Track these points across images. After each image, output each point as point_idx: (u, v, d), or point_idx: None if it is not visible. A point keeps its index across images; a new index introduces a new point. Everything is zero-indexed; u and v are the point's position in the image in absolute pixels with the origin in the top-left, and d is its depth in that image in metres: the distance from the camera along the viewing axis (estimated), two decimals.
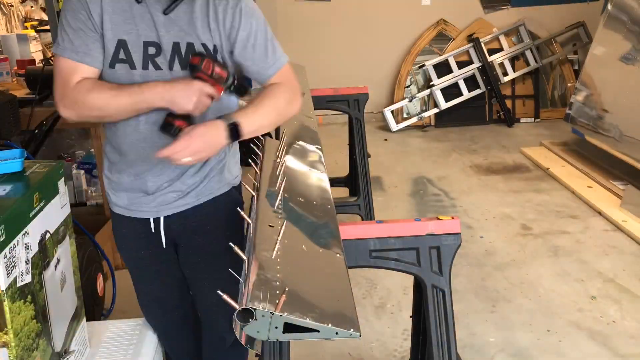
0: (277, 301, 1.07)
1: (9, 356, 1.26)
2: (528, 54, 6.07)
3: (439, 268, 1.62)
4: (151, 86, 1.44)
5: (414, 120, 5.97)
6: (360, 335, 1.08)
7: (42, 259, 1.41)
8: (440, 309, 1.64)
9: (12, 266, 1.26)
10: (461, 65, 6.03)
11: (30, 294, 1.35)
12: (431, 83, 5.97)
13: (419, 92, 6.06)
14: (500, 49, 6.08)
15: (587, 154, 4.73)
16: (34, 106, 2.88)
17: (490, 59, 5.99)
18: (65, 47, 1.46)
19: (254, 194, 1.51)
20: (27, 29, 4.17)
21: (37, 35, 3.88)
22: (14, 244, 1.27)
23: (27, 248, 1.33)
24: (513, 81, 6.14)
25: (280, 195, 1.48)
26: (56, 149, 3.47)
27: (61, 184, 1.56)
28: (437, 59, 6.01)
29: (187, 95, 1.43)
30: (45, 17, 3.98)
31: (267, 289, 1.11)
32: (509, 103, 6.14)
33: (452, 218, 1.62)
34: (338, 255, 1.31)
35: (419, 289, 1.77)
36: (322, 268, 1.28)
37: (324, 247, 1.35)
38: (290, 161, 1.78)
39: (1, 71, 3.41)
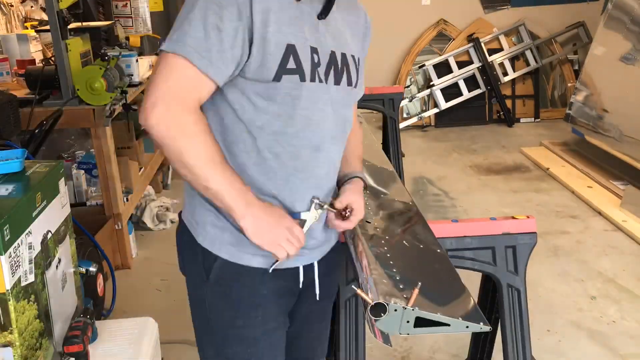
0: (406, 296, 1.09)
1: (14, 355, 1.26)
2: (528, 54, 6.07)
3: (515, 267, 1.64)
4: (244, 192, 1.16)
5: (414, 120, 5.97)
6: (491, 329, 1.09)
7: (44, 259, 1.42)
8: (515, 309, 1.66)
9: (17, 265, 1.26)
10: (461, 65, 6.03)
11: (33, 294, 1.35)
12: (431, 83, 5.97)
13: (419, 92, 6.06)
14: (500, 49, 6.09)
15: (587, 154, 4.73)
16: (34, 106, 2.88)
17: (490, 59, 5.99)
18: (189, 45, 1.09)
19: None
20: (27, 29, 4.16)
21: (37, 35, 3.87)
22: (18, 244, 1.27)
23: (30, 247, 1.33)
24: (513, 81, 6.14)
25: (364, 192, 1.51)
26: (56, 149, 3.47)
27: (61, 184, 1.57)
28: (437, 59, 6.01)
29: (271, 226, 1.18)
30: (45, 17, 3.98)
31: (392, 284, 1.12)
32: (509, 103, 6.15)
33: (528, 217, 1.63)
34: (439, 251, 1.32)
35: (487, 287, 1.79)
36: (430, 263, 1.31)
37: (423, 244, 1.37)
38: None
39: (1, 71, 3.41)
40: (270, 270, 1.24)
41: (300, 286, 1.34)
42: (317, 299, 1.38)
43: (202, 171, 1.12)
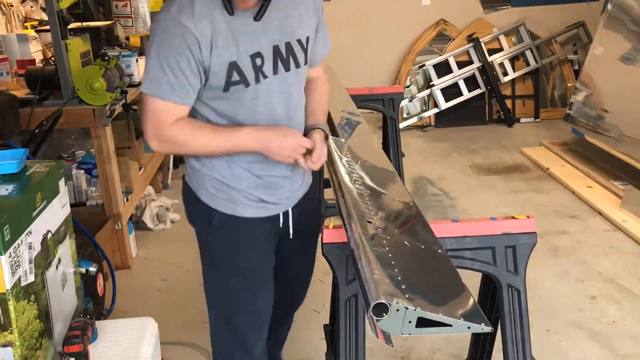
0: (408, 296, 1.10)
1: (14, 355, 1.26)
2: (528, 54, 6.07)
3: (515, 267, 1.64)
4: (249, 130, 1.50)
5: (414, 120, 5.97)
6: (492, 329, 1.10)
7: (44, 259, 1.42)
8: (515, 309, 1.66)
9: (17, 266, 1.26)
10: (461, 65, 6.03)
11: (33, 294, 1.35)
12: (431, 83, 5.97)
13: (419, 92, 6.06)
14: (500, 49, 6.08)
15: (587, 154, 4.73)
16: (34, 106, 2.88)
17: (490, 59, 5.99)
18: (163, 89, 1.43)
19: (342, 191, 1.58)
20: (27, 29, 4.16)
21: (37, 35, 3.87)
22: (18, 244, 1.27)
23: (30, 247, 1.33)
24: (513, 81, 6.14)
25: (365, 192, 1.52)
26: (56, 149, 3.47)
27: (61, 184, 1.57)
28: (437, 59, 6.01)
29: (281, 148, 1.50)
30: (45, 17, 3.98)
31: (394, 284, 1.13)
32: (509, 103, 6.15)
33: (528, 217, 1.63)
34: (440, 251, 1.33)
35: (487, 287, 1.79)
36: (431, 263, 1.32)
37: (424, 244, 1.38)
38: (360, 160, 1.84)
39: (1, 71, 3.40)
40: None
41: (281, 226, 1.68)
42: (291, 237, 1.73)
43: (210, 150, 1.51)
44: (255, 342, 1.77)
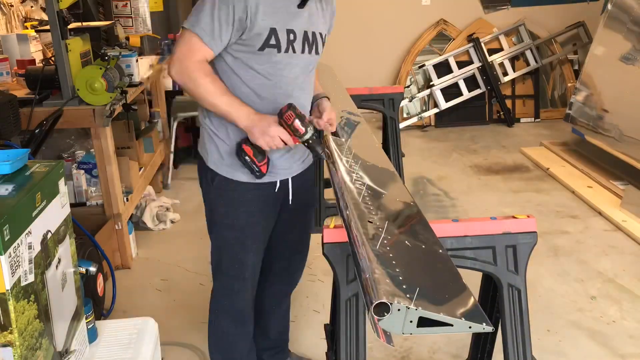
0: (409, 295, 1.10)
1: (14, 355, 1.26)
2: (528, 54, 6.07)
3: (515, 267, 1.64)
4: (244, 110, 1.75)
5: (414, 120, 5.98)
6: (493, 329, 1.10)
7: (44, 259, 1.42)
8: (515, 308, 1.66)
9: (17, 265, 1.26)
10: (461, 65, 6.03)
11: (33, 294, 1.35)
12: (431, 83, 5.98)
13: (419, 92, 6.06)
14: (500, 49, 6.09)
15: (587, 154, 4.73)
16: (34, 106, 2.88)
17: (490, 59, 5.99)
18: (203, 29, 1.71)
19: (342, 191, 1.59)
20: (27, 29, 4.16)
21: (37, 35, 3.87)
22: (18, 244, 1.27)
23: (30, 247, 1.33)
24: (513, 81, 6.14)
25: (365, 192, 1.52)
26: (56, 149, 3.46)
27: (61, 183, 1.57)
28: (437, 59, 6.01)
29: (263, 134, 1.74)
30: (45, 17, 3.98)
31: (395, 283, 1.13)
32: (509, 103, 6.15)
33: (528, 217, 1.63)
34: (441, 251, 1.33)
35: (487, 287, 1.78)
36: (432, 263, 1.32)
37: (425, 244, 1.37)
38: (360, 160, 1.85)
39: (1, 71, 3.41)
40: (257, 180, 1.85)
41: (276, 191, 1.93)
42: (290, 204, 1.99)
43: (210, 100, 1.76)
44: (239, 291, 2.02)
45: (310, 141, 1.76)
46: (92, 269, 2.01)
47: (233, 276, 2.00)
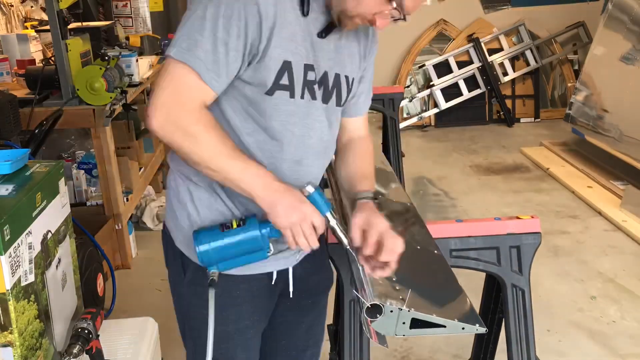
0: (402, 297, 1.11)
1: (14, 355, 1.26)
2: (528, 54, 6.07)
3: (519, 267, 1.64)
4: (268, 174, 1.18)
5: (414, 120, 5.97)
6: (487, 330, 1.11)
7: (44, 259, 1.42)
8: (520, 309, 1.66)
9: (17, 265, 1.26)
10: (461, 65, 6.03)
11: (33, 294, 1.35)
12: (431, 83, 5.97)
13: (419, 92, 6.06)
14: (500, 49, 6.08)
15: (587, 154, 4.73)
16: (34, 106, 2.88)
17: (490, 59, 5.99)
18: (200, 58, 1.13)
19: (340, 191, 1.50)
20: (27, 29, 4.16)
21: (37, 35, 3.86)
22: (18, 244, 1.27)
23: (30, 247, 1.33)
24: (513, 81, 6.14)
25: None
26: (56, 149, 3.47)
27: (61, 184, 1.57)
28: (437, 59, 6.01)
29: (291, 209, 1.15)
30: (45, 17, 3.97)
31: (389, 284, 1.14)
32: (509, 103, 6.15)
33: (532, 217, 1.63)
34: (436, 252, 1.33)
35: (491, 287, 1.78)
36: (427, 265, 1.32)
37: (420, 245, 1.38)
38: None
39: (1, 71, 3.40)
40: (268, 256, 1.23)
41: (273, 284, 1.39)
42: (291, 296, 1.43)
43: (213, 164, 1.16)
44: None
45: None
46: None
47: None
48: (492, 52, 6.04)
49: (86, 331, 1.48)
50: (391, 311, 1.08)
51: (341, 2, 1.17)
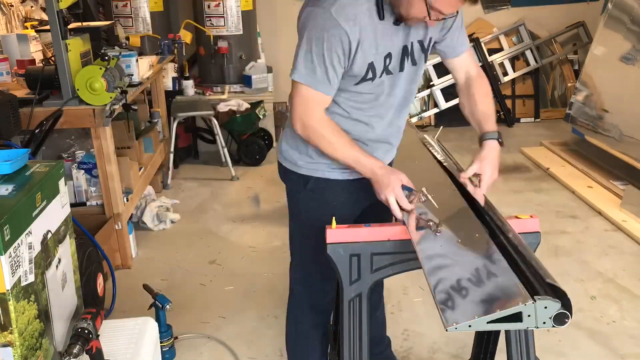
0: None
1: (14, 355, 1.26)
2: (528, 54, 6.07)
3: None
4: (366, 161, 1.68)
5: (414, 120, 5.98)
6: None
7: (44, 259, 1.42)
8: None
9: (17, 265, 1.26)
10: None
11: (33, 294, 1.35)
12: (431, 83, 5.98)
13: (418, 92, 6.06)
14: (500, 49, 6.09)
15: (587, 154, 4.73)
16: (34, 106, 2.88)
17: (490, 58, 5.99)
18: (317, 80, 1.63)
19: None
20: (27, 29, 4.16)
21: (37, 35, 3.86)
22: (18, 244, 1.27)
23: (30, 247, 1.33)
24: (513, 81, 6.14)
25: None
26: (56, 149, 3.47)
27: (61, 184, 1.57)
28: (437, 59, 6.01)
29: (386, 185, 1.64)
30: (45, 17, 3.97)
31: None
32: (509, 103, 6.15)
33: (532, 217, 1.63)
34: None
35: None
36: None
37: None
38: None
39: (1, 71, 3.40)
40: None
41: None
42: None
43: (333, 155, 1.70)
44: (325, 290, 1.95)
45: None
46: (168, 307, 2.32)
47: (319, 274, 1.91)
48: (492, 52, 6.04)
49: (86, 331, 1.48)
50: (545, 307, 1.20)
51: (399, 7, 1.58)
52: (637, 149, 4.04)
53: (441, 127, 2.76)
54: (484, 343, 1.96)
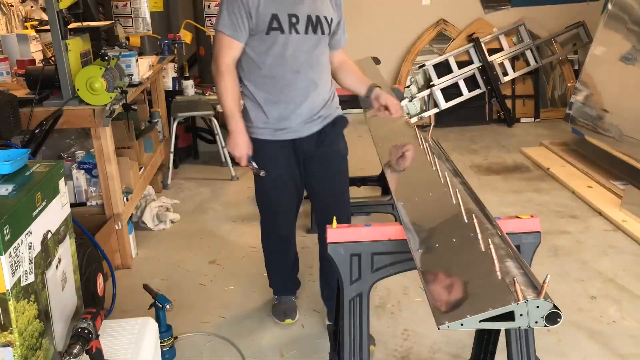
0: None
1: (14, 355, 1.26)
2: (528, 54, 6.07)
3: None
4: (234, 119, 2.28)
5: (414, 120, 5.97)
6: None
7: (44, 259, 1.42)
8: None
9: (17, 265, 1.26)
10: (461, 65, 6.03)
11: (33, 294, 1.35)
12: (431, 83, 5.98)
13: (419, 92, 6.06)
14: (500, 49, 6.09)
15: (587, 154, 4.73)
16: (34, 106, 2.88)
17: (490, 59, 5.99)
18: (224, 25, 2.18)
19: None
20: (27, 29, 4.16)
21: (37, 35, 3.86)
22: (18, 244, 1.27)
23: (30, 247, 1.33)
24: (513, 81, 6.14)
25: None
26: (56, 149, 3.46)
27: (61, 184, 1.57)
28: (437, 59, 6.01)
29: (232, 147, 2.34)
30: (45, 17, 3.97)
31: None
32: (509, 103, 6.15)
33: (532, 216, 1.63)
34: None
35: None
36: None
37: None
38: None
39: (1, 71, 3.41)
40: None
41: (293, 149, 2.38)
42: (313, 158, 2.44)
43: (220, 100, 2.29)
44: (280, 225, 2.58)
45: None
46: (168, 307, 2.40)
47: (271, 213, 2.56)
48: (492, 52, 6.04)
49: (86, 331, 1.48)
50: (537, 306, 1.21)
51: None
52: (637, 149, 4.04)
53: (432, 125, 3.38)
54: (484, 343, 1.96)
